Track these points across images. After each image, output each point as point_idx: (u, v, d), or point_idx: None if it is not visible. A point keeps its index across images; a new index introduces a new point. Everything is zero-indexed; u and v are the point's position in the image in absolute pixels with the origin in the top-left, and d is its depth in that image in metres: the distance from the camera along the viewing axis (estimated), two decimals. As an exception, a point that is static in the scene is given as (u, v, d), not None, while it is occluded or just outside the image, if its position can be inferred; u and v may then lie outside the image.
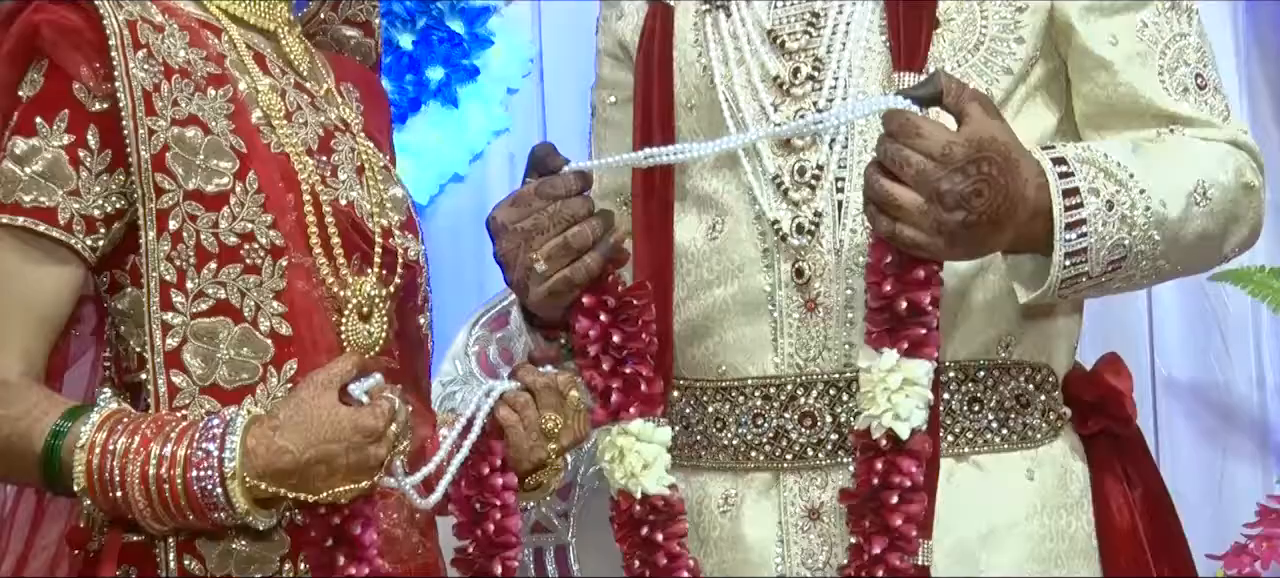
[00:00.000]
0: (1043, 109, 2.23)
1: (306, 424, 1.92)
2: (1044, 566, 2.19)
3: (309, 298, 2.07)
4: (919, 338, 2.02)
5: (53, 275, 2.02)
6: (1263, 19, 3.40)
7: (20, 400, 1.98)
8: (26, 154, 2.00)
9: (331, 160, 2.16)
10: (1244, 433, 3.44)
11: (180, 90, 2.04)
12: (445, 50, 3.19)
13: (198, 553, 2.02)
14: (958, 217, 1.95)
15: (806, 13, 2.21)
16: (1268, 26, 3.40)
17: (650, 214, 2.26)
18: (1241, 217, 2.19)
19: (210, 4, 2.16)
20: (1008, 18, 2.18)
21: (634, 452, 2.12)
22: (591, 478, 3.05)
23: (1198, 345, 3.45)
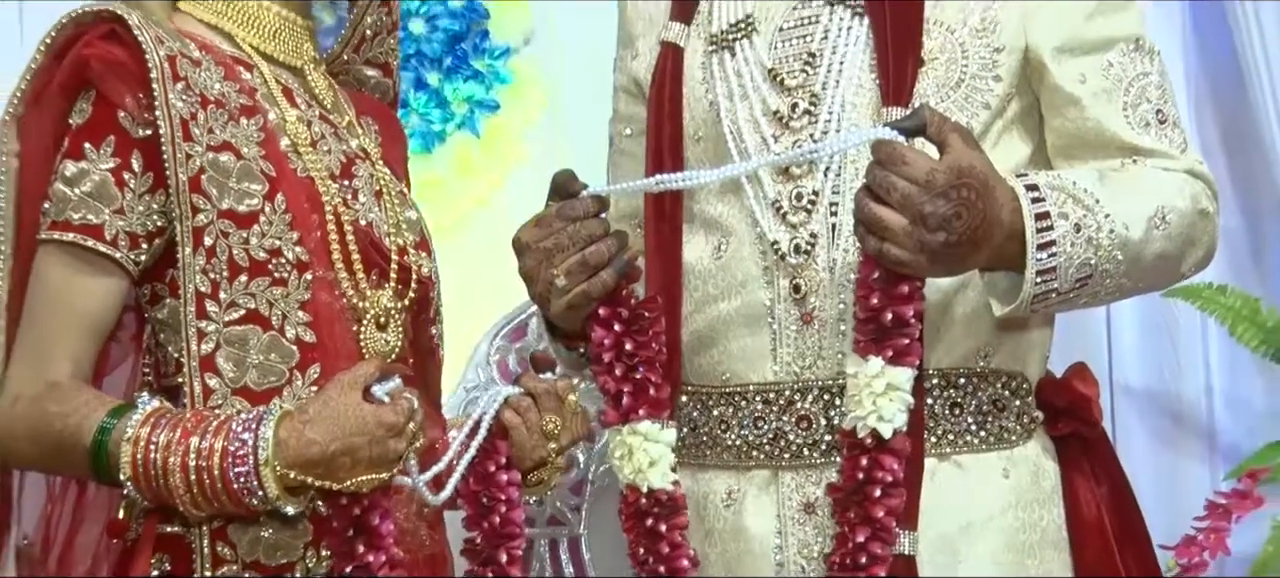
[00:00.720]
0: (1018, 140, 2.23)
1: (333, 419, 1.93)
2: (1018, 555, 2.19)
3: (331, 309, 2.08)
4: (902, 347, 2.02)
5: (99, 287, 2.03)
6: (1210, 58, 3.40)
7: (71, 399, 1.99)
8: (76, 176, 2.02)
9: (352, 184, 2.17)
10: (1193, 436, 3.45)
11: (215, 119, 2.04)
12: (470, 87, 3.19)
13: (229, 540, 2.03)
14: (939, 237, 1.95)
15: (804, 53, 2.21)
16: (1216, 64, 3.40)
17: (661, 235, 2.26)
18: (1197, 239, 2.20)
19: (243, 43, 2.16)
20: (986, 58, 2.19)
21: (642, 450, 2.13)
22: (602, 476, 3.05)
23: (1151, 356, 3.45)
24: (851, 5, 2.20)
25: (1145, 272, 2.16)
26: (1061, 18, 2.19)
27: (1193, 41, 3.40)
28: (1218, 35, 3.35)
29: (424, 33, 3.17)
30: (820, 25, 2.22)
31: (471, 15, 3.18)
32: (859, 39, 2.19)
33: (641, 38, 2.37)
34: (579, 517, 3.11)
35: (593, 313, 2.12)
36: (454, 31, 3.18)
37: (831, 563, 2.07)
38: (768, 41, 2.24)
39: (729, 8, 2.27)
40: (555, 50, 3.27)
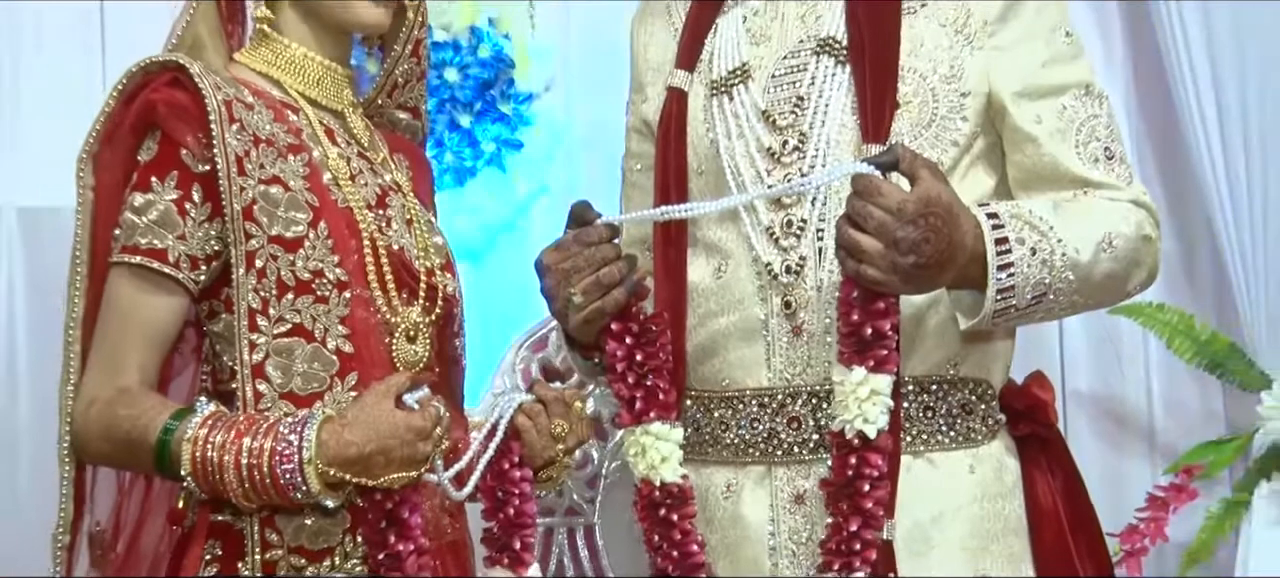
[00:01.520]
0: (983, 174, 2.22)
1: (369, 423, 1.94)
2: (983, 541, 2.18)
3: (367, 323, 2.09)
4: (881, 357, 2.02)
5: (163, 304, 2.04)
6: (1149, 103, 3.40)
7: (138, 404, 2.00)
8: (143, 206, 2.03)
9: (386, 213, 2.16)
10: (1135, 436, 3.44)
11: (266, 156, 2.05)
12: (497, 128, 3.19)
13: (277, 528, 2.03)
14: (910, 260, 1.96)
15: (793, 97, 2.21)
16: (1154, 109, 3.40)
17: (668, 258, 2.25)
18: (1141, 262, 2.19)
19: (291, 89, 2.16)
20: (954, 101, 2.18)
21: (654, 448, 2.12)
22: (613, 472, 3.04)
23: (1099, 365, 3.44)
24: (835, 55, 2.20)
25: (1095, 290, 2.15)
26: (1021, 66, 2.19)
27: (1134, 89, 3.40)
28: (1157, 82, 3.34)
29: (458, 81, 3.16)
30: (808, 72, 2.21)
31: (499, 65, 3.17)
32: (842, 84, 2.19)
33: (650, 84, 2.36)
34: (593, 507, 3.09)
35: (606, 327, 2.11)
36: (484, 79, 3.18)
37: (827, 549, 2.07)
38: (762, 87, 2.23)
39: (727, 57, 2.26)
40: (572, 96, 3.26)
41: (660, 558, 2.13)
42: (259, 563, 2.02)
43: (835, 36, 2.21)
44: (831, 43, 2.21)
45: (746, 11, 2.29)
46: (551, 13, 3.30)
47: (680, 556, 2.12)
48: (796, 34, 2.25)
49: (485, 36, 3.19)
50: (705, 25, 2.31)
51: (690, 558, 2.12)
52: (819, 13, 2.23)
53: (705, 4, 2.32)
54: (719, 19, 2.30)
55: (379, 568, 2.01)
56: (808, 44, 2.23)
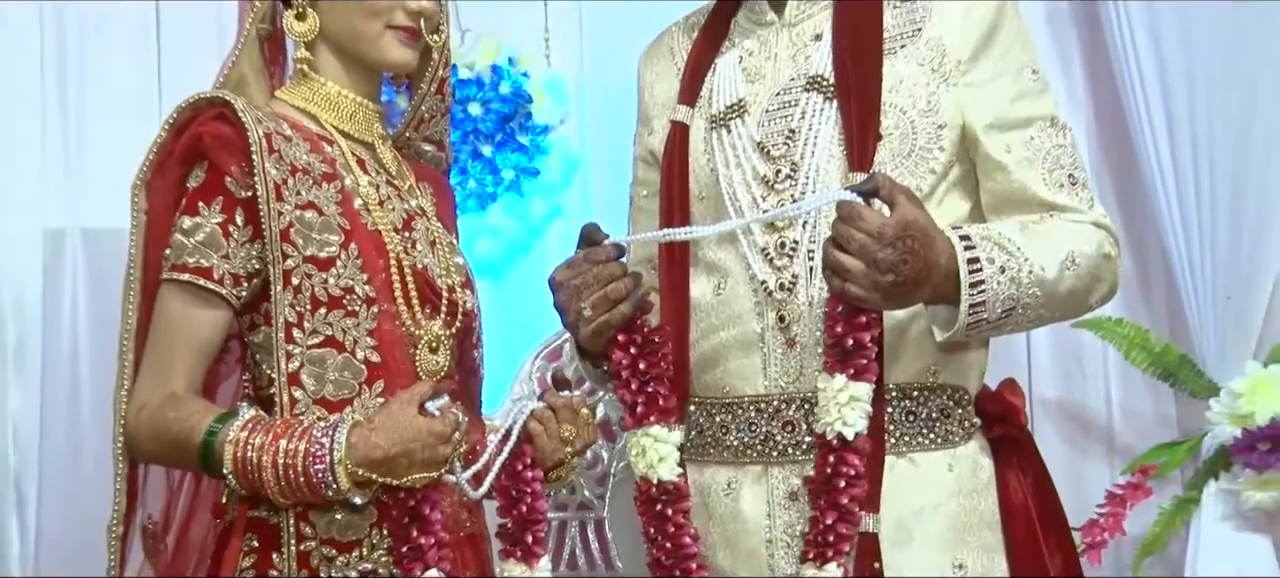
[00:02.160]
0: (958, 199, 2.21)
1: (394, 428, 1.94)
2: (960, 533, 2.17)
3: (393, 336, 2.08)
4: (862, 366, 2.02)
5: (209, 318, 2.04)
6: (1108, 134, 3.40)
7: (185, 407, 2.00)
8: (191, 228, 2.02)
9: (411, 236, 2.15)
10: (1096, 439, 3.43)
11: (302, 183, 2.04)
12: (516, 157, 3.18)
13: (310, 521, 2.03)
14: (889, 278, 1.96)
15: (785, 130, 2.20)
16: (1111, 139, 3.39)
17: (672, 276, 2.24)
18: (1102, 278, 2.19)
19: (326, 123, 2.15)
20: (932, 133, 2.17)
21: (653, 449, 2.12)
22: (621, 470, 3.03)
23: (1063, 374, 3.43)
24: (823, 91, 2.19)
25: (1060, 304, 2.15)
26: (991, 101, 2.18)
27: (1094, 121, 3.39)
28: (1116, 116, 3.33)
29: (480, 114, 3.16)
30: (799, 108, 2.20)
31: (518, 100, 3.17)
32: (829, 119, 2.18)
33: (656, 118, 2.35)
34: (603, 503, 3.08)
35: (613, 338, 2.11)
36: (504, 113, 3.17)
37: (807, 541, 2.07)
38: (757, 120, 2.22)
39: (725, 93, 2.26)
40: (584, 129, 3.25)
41: (655, 549, 2.13)
42: (294, 554, 2.02)
43: (823, 75, 2.20)
44: (820, 80, 2.20)
45: (742, 52, 2.28)
46: (566, 53, 3.29)
47: (674, 546, 2.12)
48: (788, 72, 2.24)
49: (505, 74, 3.19)
50: (705, 64, 2.30)
51: (683, 549, 2.12)
52: (808, 53, 2.23)
53: (705, 45, 2.32)
54: (718, 59, 2.30)
55: (402, 559, 2.01)
56: (798, 82, 2.22)
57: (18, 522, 3.08)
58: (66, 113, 3.16)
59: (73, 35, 3.16)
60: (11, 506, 3.08)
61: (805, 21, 2.26)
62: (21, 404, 3.09)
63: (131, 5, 3.19)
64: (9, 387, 3.08)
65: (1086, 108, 3.39)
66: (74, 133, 3.16)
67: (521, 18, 3.26)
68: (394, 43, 2.13)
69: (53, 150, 3.14)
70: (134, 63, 3.17)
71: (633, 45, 2.47)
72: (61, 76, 3.15)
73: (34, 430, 3.10)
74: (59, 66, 3.15)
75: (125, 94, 3.13)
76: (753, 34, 2.29)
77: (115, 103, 3.12)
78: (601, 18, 3.28)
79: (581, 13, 3.30)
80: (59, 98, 3.15)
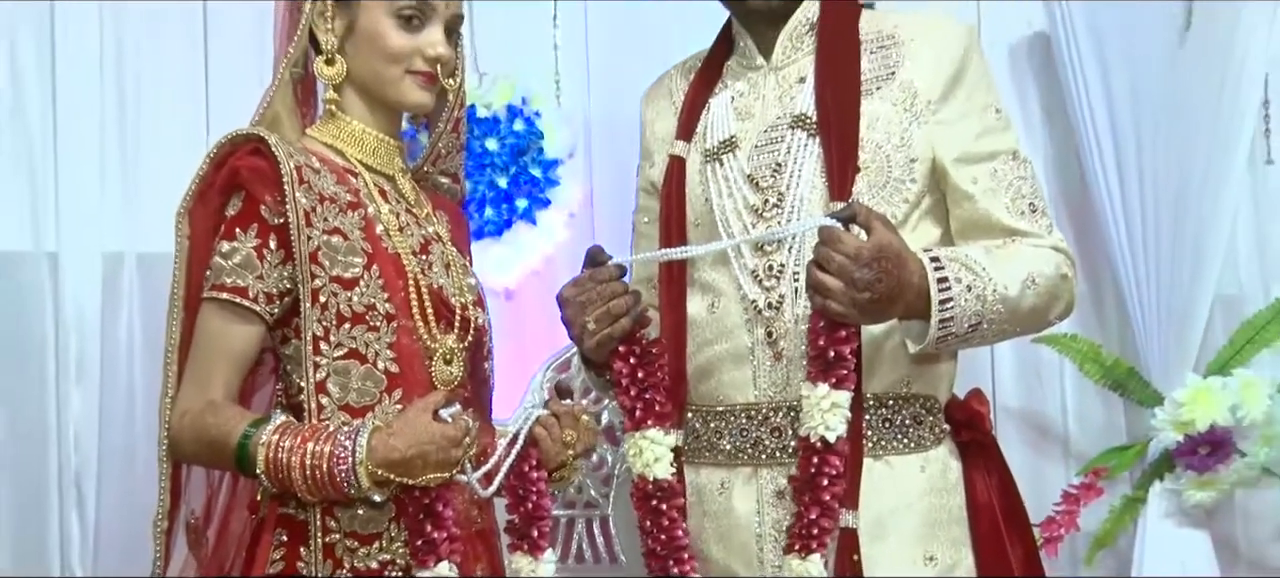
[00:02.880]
0: (930, 225, 2.20)
1: (410, 433, 1.93)
2: (931, 528, 2.16)
3: (410, 349, 2.06)
4: (842, 376, 2.01)
5: (245, 332, 2.03)
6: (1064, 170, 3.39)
7: (223, 413, 1.99)
8: (229, 252, 2.01)
9: (428, 259, 2.13)
10: (1053, 443, 3.41)
11: (329, 211, 2.03)
12: (528, 188, 3.17)
13: (335, 516, 2.01)
14: (865, 296, 1.95)
15: (773, 163, 2.18)
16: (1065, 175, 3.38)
17: (671, 295, 2.23)
18: (1060, 296, 2.17)
19: (351, 157, 2.14)
20: (905, 166, 2.16)
21: (649, 450, 2.10)
22: (624, 471, 3.02)
23: (1024, 384, 3.41)
24: (807, 128, 2.17)
25: (1021, 320, 2.13)
26: (959, 138, 2.17)
27: (1052, 156, 3.38)
28: (1070, 152, 3.33)
29: (497, 149, 3.15)
30: (785, 143, 2.18)
31: (530, 136, 3.17)
32: (812, 153, 2.16)
33: (656, 152, 2.34)
34: (608, 501, 3.08)
35: (614, 350, 2.09)
36: (518, 148, 3.17)
37: (792, 534, 2.05)
38: (747, 155, 2.21)
39: (718, 130, 2.24)
40: (591, 162, 3.24)
41: (651, 540, 2.11)
42: (320, 546, 2.01)
43: (807, 114, 2.18)
44: (804, 119, 2.18)
45: (734, 93, 2.27)
46: (574, 94, 3.28)
47: (667, 539, 2.10)
48: (775, 112, 2.22)
49: (519, 113, 3.18)
50: (700, 104, 2.29)
51: (676, 541, 2.10)
52: (793, 94, 2.21)
53: (700, 87, 2.31)
54: (712, 99, 2.29)
55: (417, 552, 2.01)
56: (784, 120, 2.20)
57: (78, 517, 3.08)
58: (124, 149, 3.16)
59: (130, 81, 3.16)
60: (72, 503, 3.08)
61: (790, 66, 2.24)
62: (81, 411, 3.10)
63: (182, 54, 3.19)
64: (70, 395, 3.09)
65: (1044, 143, 3.39)
66: (130, 166, 3.16)
67: (534, 62, 3.25)
68: (413, 86, 2.12)
69: (111, 182, 3.14)
70: (184, 104, 3.17)
71: (635, 87, 2.46)
72: (120, 117, 3.16)
73: (93, 435, 3.10)
74: (118, 108, 3.15)
75: (175, 132, 3.13)
76: (743, 77, 2.28)
77: (166, 140, 3.13)
78: (606, 62, 3.27)
79: (588, 57, 3.29)
80: (118, 137, 3.15)
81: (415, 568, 2.00)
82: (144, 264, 3.11)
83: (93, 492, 3.09)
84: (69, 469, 3.08)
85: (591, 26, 3.29)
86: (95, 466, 3.09)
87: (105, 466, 3.09)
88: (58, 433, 3.08)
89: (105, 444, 3.09)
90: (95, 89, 3.13)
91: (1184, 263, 3.17)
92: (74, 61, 3.13)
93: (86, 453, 3.08)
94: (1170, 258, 3.18)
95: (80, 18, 3.13)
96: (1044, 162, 3.35)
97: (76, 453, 3.08)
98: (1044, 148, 3.37)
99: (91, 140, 3.12)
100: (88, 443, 3.09)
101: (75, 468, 3.08)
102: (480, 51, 3.11)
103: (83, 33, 3.14)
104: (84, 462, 3.08)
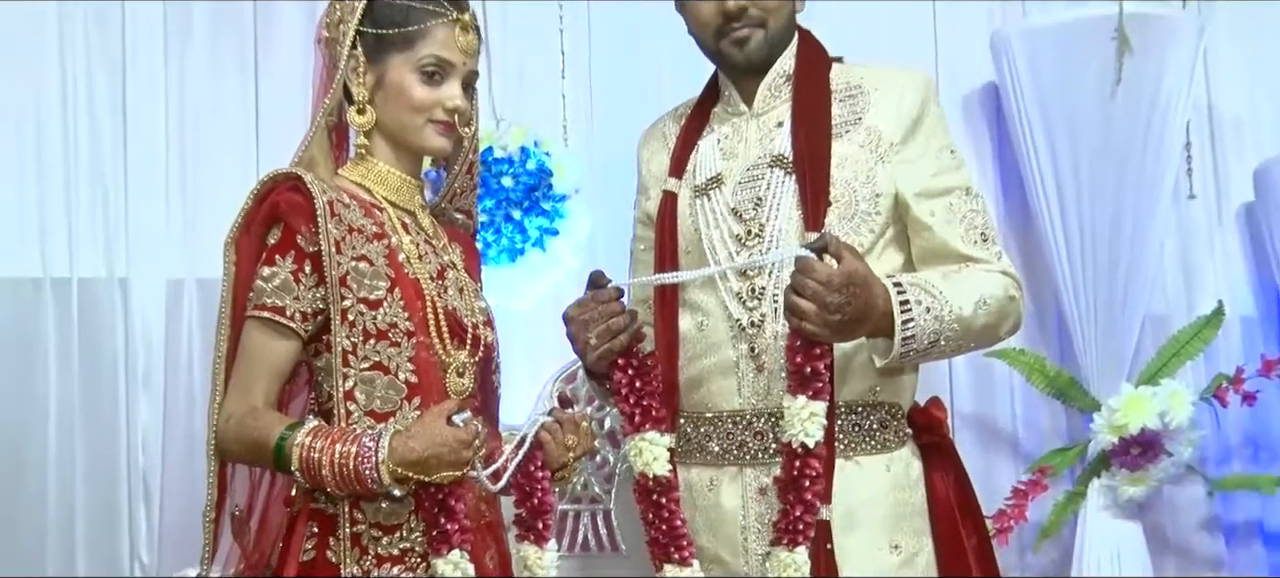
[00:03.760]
0: (893, 253, 2.17)
1: (427, 436, 1.91)
2: (896, 520, 2.13)
3: (428, 362, 2.03)
4: (818, 388, 1.99)
5: (283, 347, 2.00)
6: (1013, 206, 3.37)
7: (263, 418, 1.97)
8: (269, 276, 1.99)
9: (444, 283, 2.11)
10: (1004, 445, 3.39)
11: (357, 241, 2.01)
12: (539, 220, 3.16)
13: (360, 509, 1.98)
14: (837, 317, 1.93)
15: (754, 198, 2.16)
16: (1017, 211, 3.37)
17: (664, 315, 2.20)
18: (1008, 315, 2.15)
19: (377, 194, 2.11)
20: (871, 200, 2.14)
21: (648, 451, 2.07)
22: (624, 470, 3.00)
23: (978, 393, 3.39)
24: (784, 167, 2.15)
25: (975, 336, 2.11)
26: (918, 175, 2.15)
27: (1001, 192, 3.38)
28: (1018, 189, 3.33)
29: (511, 185, 3.14)
30: (765, 180, 2.16)
31: (541, 174, 3.15)
32: (789, 189, 2.14)
33: (651, 188, 2.31)
34: (609, 496, 3.06)
35: (614, 363, 2.07)
36: (530, 183, 3.15)
37: (778, 528, 2.02)
38: (731, 190, 2.18)
39: (706, 168, 2.22)
40: (594, 197, 3.22)
41: (653, 529, 2.08)
42: (348, 535, 1.98)
43: (784, 154, 2.16)
44: (781, 159, 2.16)
45: (720, 136, 2.25)
46: (579, 137, 3.28)
47: (667, 528, 2.07)
48: (756, 152, 2.20)
49: (531, 154, 3.17)
50: (690, 145, 2.27)
51: (675, 529, 2.06)
52: (772, 137, 2.19)
53: (690, 130, 2.29)
54: (700, 141, 2.27)
55: (433, 541, 1.98)
56: (764, 159, 2.18)
57: (145, 511, 3.10)
58: (185, 189, 3.17)
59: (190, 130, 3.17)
60: (140, 498, 3.10)
61: (769, 112, 2.22)
62: (148, 418, 3.12)
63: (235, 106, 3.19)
64: (138, 404, 3.11)
65: (994, 180, 3.39)
66: (190, 203, 3.16)
67: (544, 109, 3.24)
68: (434, 134, 2.11)
69: (174, 218, 3.15)
70: (235, 150, 3.18)
71: (633, 130, 2.44)
72: (181, 161, 3.16)
73: (158, 439, 3.11)
74: (180, 154, 3.16)
75: (229, 172, 3.13)
76: (728, 121, 2.26)
77: (221, 181, 3.13)
78: (608, 109, 3.26)
79: (592, 105, 3.28)
80: (180, 178, 3.16)
81: (431, 555, 1.98)
82: (202, 288, 3.11)
83: (158, 488, 3.10)
84: (137, 469, 3.09)
85: (595, 78, 3.28)
86: (160, 466, 3.10)
87: (169, 466, 3.10)
88: (128, 437, 3.09)
89: (169, 447, 3.10)
90: (160, 136, 3.15)
91: (1117, 286, 3.19)
92: (142, 112, 3.14)
93: (152, 455, 3.10)
94: (1105, 281, 3.19)
95: (148, 72, 3.15)
96: (994, 196, 3.34)
97: (144, 454, 3.10)
98: (994, 184, 3.37)
99: (157, 181, 3.14)
100: (153, 446, 3.10)
101: (143, 468, 3.09)
102: (498, 100, 3.10)
103: (150, 88, 3.16)
104: (150, 462, 3.10)
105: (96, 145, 3.11)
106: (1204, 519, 3.36)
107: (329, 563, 1.98)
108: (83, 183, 3.09)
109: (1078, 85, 3.14)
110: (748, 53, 2.19)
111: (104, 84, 3.12)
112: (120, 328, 3.09)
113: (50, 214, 3.08)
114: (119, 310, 3.10)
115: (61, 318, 3.07)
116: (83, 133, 3.10)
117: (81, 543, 3.05)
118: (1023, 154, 3.23)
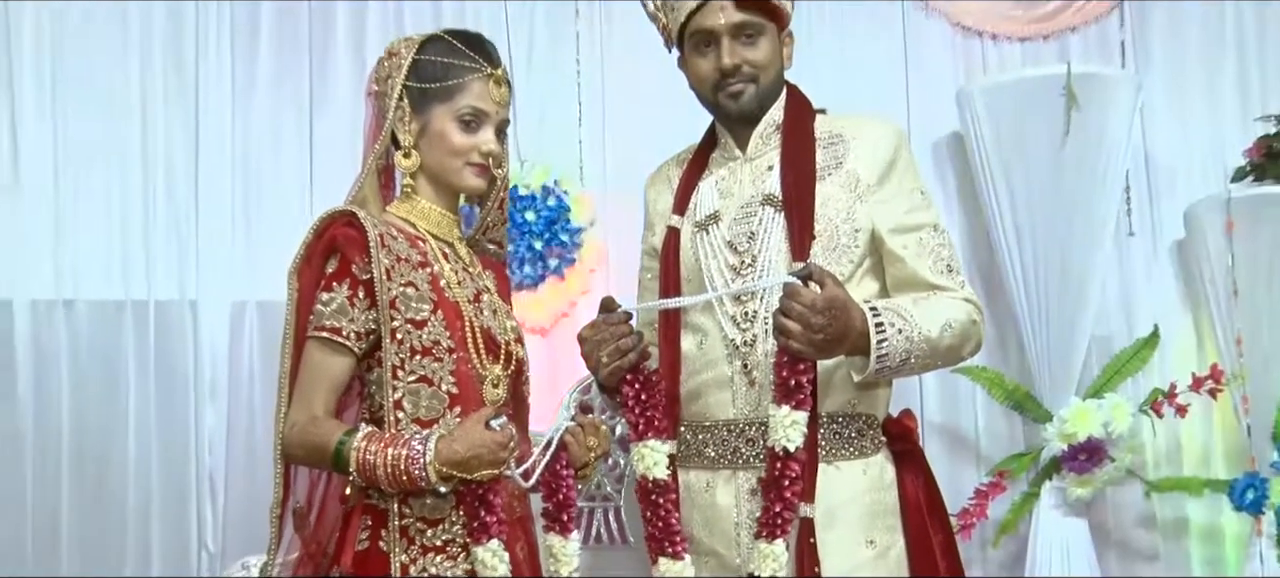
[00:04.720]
0: (870, 280, 2.17)
1: (467, 439, 1.91)
2: (872, 518, 2.12)
3: (467, 376, 2.03)
4: (800, 399, 1.98)
5: (339, 363, 2.00)
6: (975, 235, 3.37)
7: (323, 425, 1.98)
8: (328, 300, 2.00)
9: (480, 306, 2.11)
10: (967, 451, 3.38)
11: (404, 269, 2.01)
12: (558, 250, 3.17)
13: (408, 504, 1.99)
14: (820, 337, 1.94)
15: (748, 232, 2.16)
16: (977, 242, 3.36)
17: (668, 335, 2.20)
18: (970, 337, 2.14)
19: (420, 228, 2.11)
20: (851, 234, 2.14)
21: (650, 456, 2.07)
22: (632, 472, 2.98)
23: (945, 405, 3.39)
24: (774, 205, 2.15)
25: (941, 355, 2.10)
26: (892, 213, 2.15)
27: (966, 229, 3.38)
28: (979, 226, 3.33)
29: (534, 219, 3.16)
30: (757, 217, 2.16)
31: (560, 209, 3.17)
32: (779, 224, 2.14)
33: (657, 224, 2.31)
34: (620, 495, 3.05)
35: (623, 378, 2.07)
36: (551, 218, 3.17)
37: (761, 523, 2.02)
38: (727, 225, 2.18)
39: (706, 206, 2.22)
40: (607, 230, 3.24)
41: (650, 526, 2.07)
42: (398, 527, 1.98)
43: (774, 194, 2.16)
44: (772, 198, 2.16)
45: (717, 177, 2.25)
46: (594, 176, 3.28)
47: (663, 525, 2.06)
48: (749, 192, 2.20)
49: (551, 191, 3.19)
50: (692, 185, 2.27)
51: (670, 527, 2.06)
52: (764, 179, 2.19)
53: (691, 172, 2.29)
54: (701, 182, 2.27)
55: (473, 532, 1.98)
56: (756, 198, 2.18)
57: (211, 507, 3.11)
58: (248, 220, 3.19)
59: (253, 170, 3.19)
60: (207, 494, 3.11)
61: (761, 157, 2.23)
62: (214, 424, 3.13)
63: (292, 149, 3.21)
64: (206, 413, 3.12)
65: (959, 218, 3.39)
66: (254, 234, 3.18)
67: (563, 151, 3.25)
68: (471, 175, 2.11)
69: (238, 246, 3.17)
70: (291, 191, 3.20)
71: (641, 172, 2.44)
72: (245, 196, 3.19)
73: (222, 443, 3.13)
74: (243, 189, 3.18)
75: (287, 206, 3.17)
76: (725, 165, 2.26)
77: (280, 213, 3.16)
78: (620, 152, 3.26)
79: (605, 149, 3.29)
80: (243, 210, 3.18)
81: (471, 544, 1.97)
82: (263, 310, 3.14)
83: (222, 486, 3.11)
84: (204, 469, 3.10)
85: (608, 125, 3.29)
86: (224, 467, 3.11)
87: (232, 466, 3.12)
88: (196, 442, 3.11)
89: (232, 451, 3.12)
90: (227, 175, 3.17)
91: (1067, 311, 3.18)
92: (211, 154, 3.16)
93: (217, 457, 3.11)
94: (1056, 307, 3.19)
95: (217, 118, 3.18)
96: (959, 232, 3.35)
97: (210, 456, 3.11)
98: (959, 221, 3.37)
99: (223, 214, 3.16)
100: (218, 449, 3.12)
101: (209, 468, 3.10)
102: (522, 143, 3.10)
103: (219, 131, 3.18)
104: (216, 463, 3.11)
105: (171, 183, 3.14)
106: (1141, 517, 3.36)
107: (381, 552, 1.98)
108: (159, 216, 3.13)
109: (1032, 136, 3.15)
110: (742, 105, 2.20)
111: (179, 128, 3.16)
112: (190, 345, 3.12)
113: (131, 243, 3.12)
114: (189, 329, 3.12)
115: (139, 336, 3.10)
116: (159, 172, 3.13)
117: (156, 533, 3.08)
118: (984, 195, 3.24)
